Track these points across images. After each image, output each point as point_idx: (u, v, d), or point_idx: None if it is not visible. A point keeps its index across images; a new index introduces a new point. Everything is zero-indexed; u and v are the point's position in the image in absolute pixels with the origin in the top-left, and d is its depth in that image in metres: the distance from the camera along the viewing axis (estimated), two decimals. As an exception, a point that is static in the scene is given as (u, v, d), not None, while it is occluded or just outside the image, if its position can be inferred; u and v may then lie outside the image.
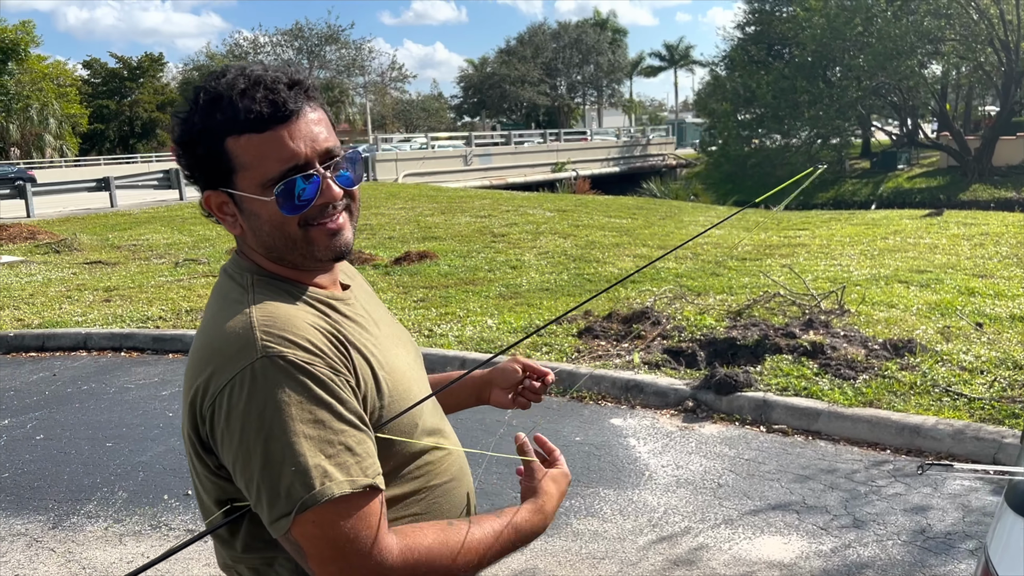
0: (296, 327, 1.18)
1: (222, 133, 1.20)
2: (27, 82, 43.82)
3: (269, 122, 1.19)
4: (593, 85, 70.65)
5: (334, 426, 1.14)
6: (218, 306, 1.27)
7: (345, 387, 1.18)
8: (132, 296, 9.37)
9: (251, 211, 1.24)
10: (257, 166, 1.20)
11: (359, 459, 1.14)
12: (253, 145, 1.20)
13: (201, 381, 1.17)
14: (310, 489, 1.09)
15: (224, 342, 1.18)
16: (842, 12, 32.53)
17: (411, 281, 9.50)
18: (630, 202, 20.70)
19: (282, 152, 1.20)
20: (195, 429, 1.19)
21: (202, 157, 1.23)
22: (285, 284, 1.28)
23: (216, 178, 1.24)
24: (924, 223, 12.96)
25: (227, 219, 1.28)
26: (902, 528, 3.63)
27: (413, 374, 1.39)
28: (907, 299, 7.22)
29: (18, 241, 14.60)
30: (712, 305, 7.32)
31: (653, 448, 4.71)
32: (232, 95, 1.20)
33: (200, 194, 1.29)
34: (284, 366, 1.13)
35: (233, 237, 1.34)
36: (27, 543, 3.92)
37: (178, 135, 1.24)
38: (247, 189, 1.22)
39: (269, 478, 1.11)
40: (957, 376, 5.17)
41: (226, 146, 1.20)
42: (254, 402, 1.12)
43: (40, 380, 6.67)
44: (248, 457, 1.12)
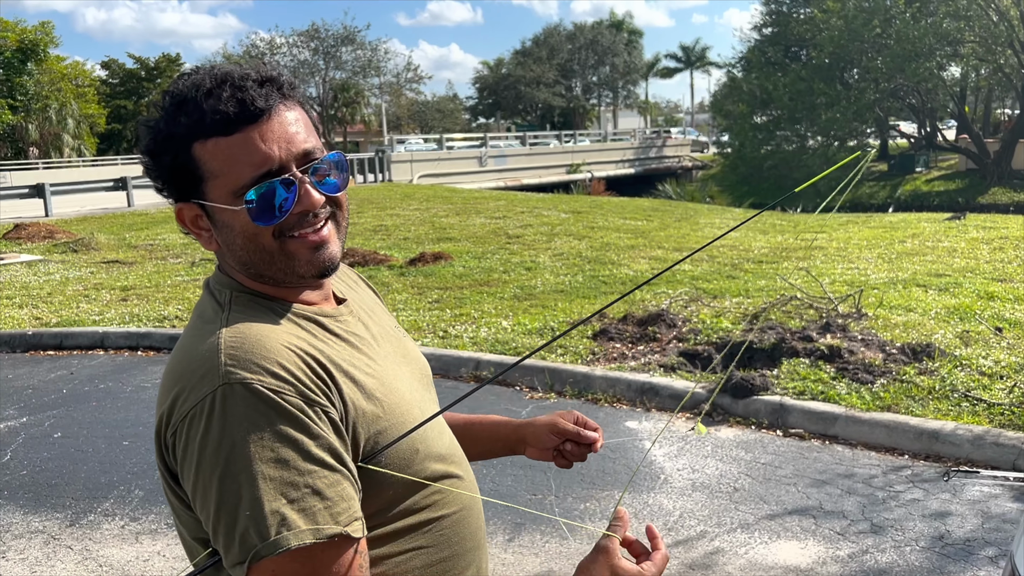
0: (267, 349, 1.05)
1: (188, 138, 1.09)
2: (46, 82, 44.21)
3: (237, 123, 1.08)
4: (608, 86, 70.56)
5: (300, 466, 1.00)
6: (193, 324, 1.17)
7: (320, 419, 1.04)
8: (149, 295, 9.43)
9: (223, 222, 1.13)
10: (227, 173, 1.09)
11: (329, 504, 1.00)
12: (221, 150, 1.08)
13: (166, 408, 1.07)
14: (264, 538, 0.97)
15: (188, 366, 1.07)
16: (860, 14, 32.34)
17: (426, 282, 9.51)
18: (645, 204, 20.65)
19: (253, 156, 1.08)
20: (163, 459, 1.09)
21: (169, 166, 1.12)
22: (267, 301, 1.16)
23: (186, 189, 1.12)
24: (943, 226, 12.86)
25: (202, 234, 1.16)
26: (920, 534, 3.59)
27: (415, 396, 1.25)
28: (925, 303, 7.16)
29: (36, 240, 14.73)
30: (728, 308, 7.28)
31: (668, 451, 4.69)
32: (197, 96, 1.08)
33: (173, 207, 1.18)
34: (247, 395, 1.01)
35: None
36: (45, 540, 3.95)
37: (143, 145, 1.13)
38: (218, 199, 1.11)
39: (224, 520, 0.99)
40: (976, 381, 5.12)
41: (193, 152, 1.09)
42: (211, 435, 1.00)
43: (58, 378, 6.72)
44: (205, 494, 1.01)
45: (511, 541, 3.71)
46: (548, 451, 1.50)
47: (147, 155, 1.14)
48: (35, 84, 42.84)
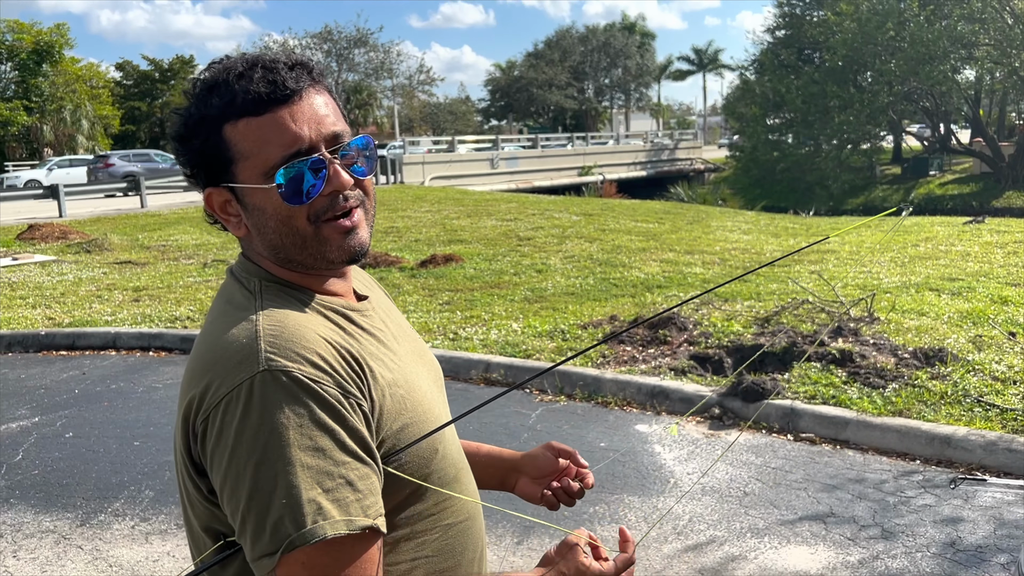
0: (306, 339, 1.05)
1: (219, 120, 1.09)
2: (61, 84, 44.56)
3: (268, 103, 1.08)
4: (621, 89, 70.53)
5: (336, 456, 1.00)
6: (221, 311, 1.15)
7: (354, 412, 1.04)
8: (161, 296, 9.48)
9: (255, 205, 1.12)
10: (257, 153, 1.09)
11: (360, 496, 1.01)
12: (252, 130, 1.08)
13: (196, 393, 1.04)
14: (300, 527, 0.96)
15: (224, 352, 1.05)
16: (874, 16, 32.17)
17: (436, 284, 9.52)
18: (657, 206, 20.60)
19: (283, 136, 1.08)
20: (187, 448, 1.07)
21: (200, 150, 1.12)
22: (296, 291, 1.15)
23: (216, 173, 1.12)
24: (956, 230, 12.77)
25: (231, 220, 1.16)
26: (932, 540, 3.57)
27: (433, 396, 1.25)
28: (938, 307, 7.11)
29: (50, 241, 14.82)
30: (740, 312, 7.26)
31: (679, 455, 4.67)
32: (229, 78, 1.09)
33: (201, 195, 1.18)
34: (287, 383, 1.00)
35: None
36: (55, 540, 3.96)
37: (174, 130, 1.14)
38: (248, 180, 1.10)
39: (256, 509, 0.98)
40: (989, 386, 5.08)
41: (224, 134, 1.09)
42: (249, 420, 0.99)
43: (70, 378, 6.76)
44: (236, 482, 0.99)
45: (520, 544, 3.71)
46: (542, 482, 1.48)
47: (177, 140, 1.14)
48: (50, 85, 43.18)
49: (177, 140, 1.14)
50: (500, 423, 5.23)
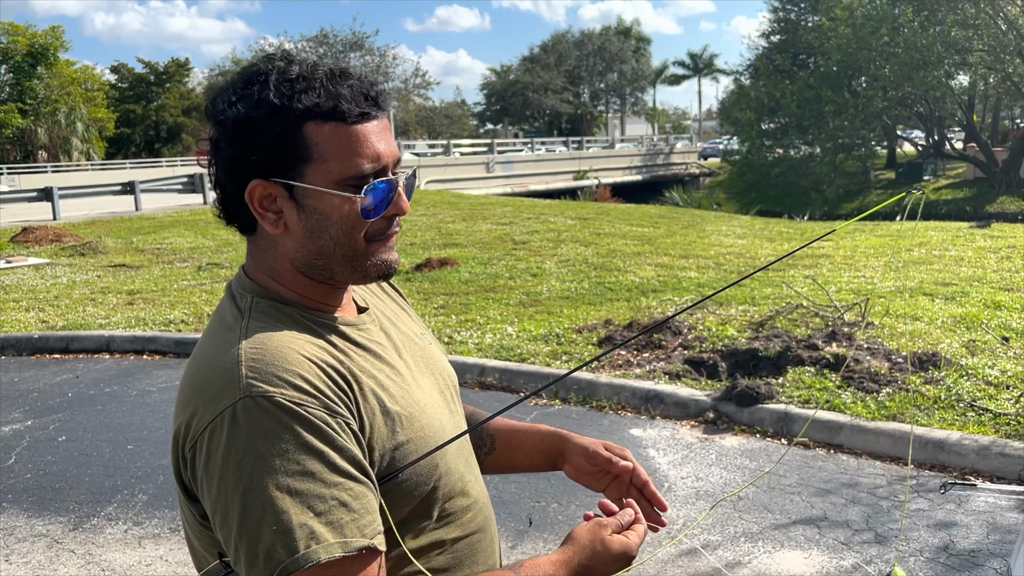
0: (287, 361, 1.03)
1: (303, 115, 1.05)
2: (55, 86, 44.47)
3: (360, 116, 1.07)
4: (616, 93, 70.68)
5: (326, 478, 0.98)
6: (211, 331, 1.14)
7: (343, 431, 1.02)
8: (155, 299, 9.46)
9: (317, 209, 1.08)
10: (339, 160, 1.06)
11: (356, 516, 0.99)
12: (338, 136, 1.06)
13: (183, 420, 1.04)
14: (293, 552, 0.95)
15: (207, 378, 1.04)
16: (868, 22, 32.32)
17: (432, 288, 9.52)
18: (652, 211, 20.63)
19: (368, 150, 1.07)
20: (179, 473, 1.06)
21: (269, 139, 1.06)
22: (290, 308, 1.13)
23: (276, 166, 1.07)
24: (950, 235, 12.81)
25: (268, 215, 1.10)
26: (925, 544, 3.57)
27: (438, 409, 1.21)
28: (932, 312, 7.13)
29: (44, 243, 14.78)
30: (734, 316, 7.27)
31: (673, 459, 4.67)
32: (319, 76, 1.06)
33: (230, 187, 1.12)
34: (269, 407, 0.99)
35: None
36: (48, 544, 3.95)
37: (239, 112, 1.06)
38: (318, 183, 1.07)
39: (247, 537, 0.97)
40: (982, 391, 5.10)
41: (304, 131, 1.05)
42: (233, 448, 0.98)
43: (63, 382, 6.74)
44: (226, 511, 0.98)
45: (514, 548, 3.70)
46: (584, 476, 1.41)
47: (239, 124, 1.07)
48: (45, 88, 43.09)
49: (239, 123, 1.07)
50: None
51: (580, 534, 1.19)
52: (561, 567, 1.15)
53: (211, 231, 16.08)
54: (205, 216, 18.87)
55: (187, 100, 62.28)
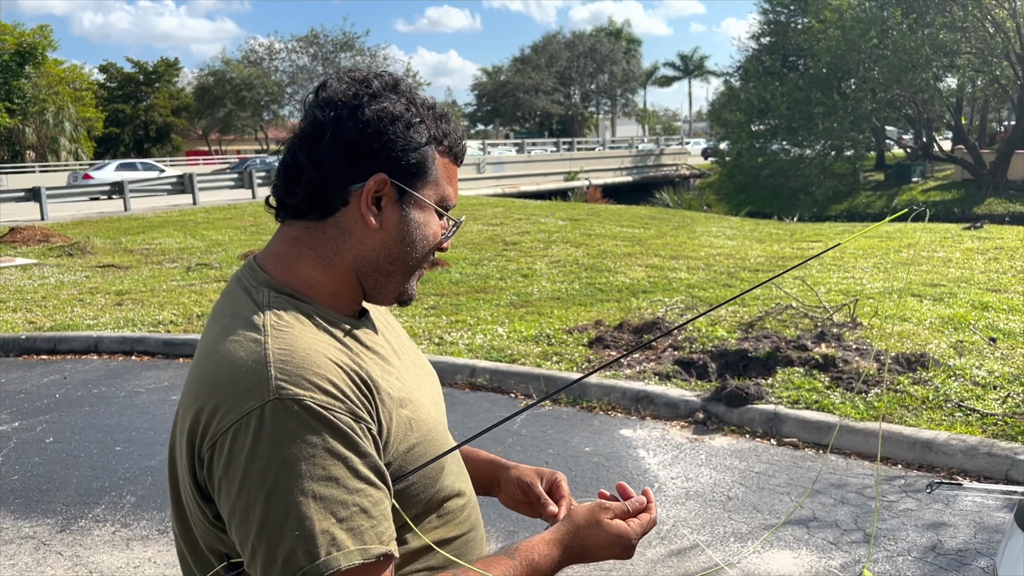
0: (317, 364, 1.03)
1: (435, 140, 1.17)
2: (43, 86, 44.19)
3: (459, 160, 1.22)
4: (607, 94, 70.73)
5: (350, 484, 0.99)
6: (227, 325, 1.11)
7: (366, 436, 1.03)
8: (144, 300, 9.42)
9: (419, 220, 1.16)
10: (441, 187, 1.18)
11: (375, 523, 1.00)
12: (446, 168, 1.19)
13: (204, 417, 1.02)
14: (313, 559, 0.96)
15: (232, 374, 1.02)
16: (857, 24, 32.44)
17: (422, 288, 9.50)
18: (643, 212, 20.67)
19: (454, 188, 1.21)
20: (192, 472, 1.05)
21: (410, 144, 1.14)
22: (307, 306, 1.13)
23: (400, 171, 1.13)
24: (938, 236, 12.88)
25: (372, 208, 1.13)
26: (913, 544, 3.59)
27: (436, 409, 1.25)
28: (920, 313, 7.17)
29: (32, 244, 14.70)
30: (724, 316, 7.28)
31: (663, 460, 4.68)
32: (444, 113, 1.20)
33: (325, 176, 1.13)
34: (299, 412, 0.99)
35: (239, 243, 1.21)
36: (35, 546, 3.93)
37: (388, 115, 1.12)
38: (428, 198, 1.17)
39: (267, 540, 0.97)
40: (970, 391, 5.13)
41: (430, 151, 1.16)
42: (260, 451, 0.97)
43: (51, 383, 6.70)
44: (246, 513, 0.98)
45: (502, 551, 3.70)
46: (517, 504, 1.45)
47: (391, 120, 1.12)
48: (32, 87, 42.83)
49: (388, 120, 1.12)
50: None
51: (578, 513, 1.21)
52: (555, 545, 1.17)
53: (200, 231, 16.02)
54: (194, 217, 18.80)
55: (176, 100, 62.04)
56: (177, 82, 63.86)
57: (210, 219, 18.20)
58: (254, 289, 1.14)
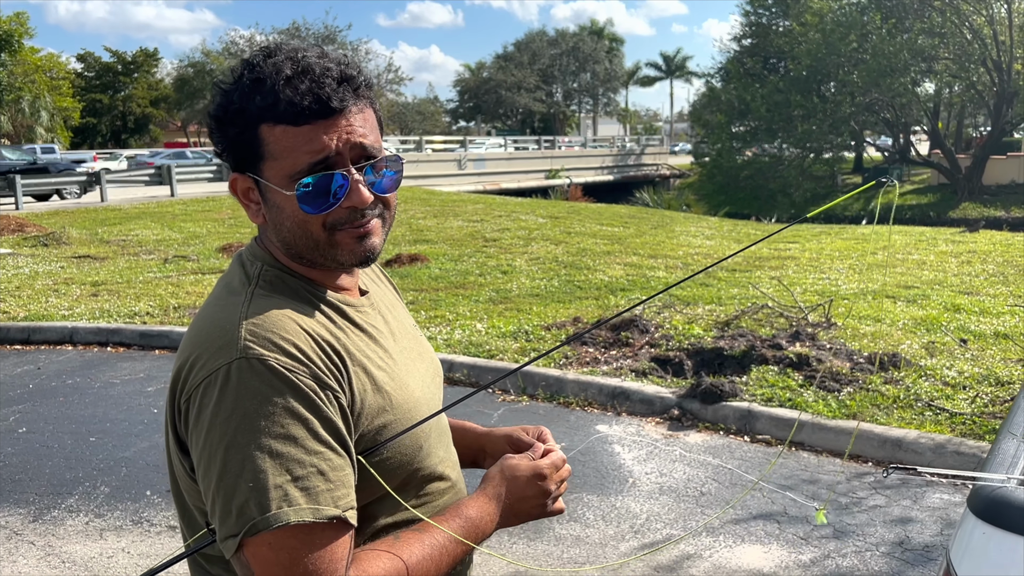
0: (285, 329, 1.08)
1: (257, 119, 1.11)
2: (19, 74, 43.61)
3: (308, 116, 1.10)
4: (589, 93, 70.91)
5: (308, 445, 1.02)
6: (217, 294, 1.19)
7: (330, 403, 1.06)
8: (120, 291, 9.34)
9: (275, 203, 1.15)
10: (286, 158, 1.11)
11: (331, 487, 1.03)
12: (287, 137, 1.11)
13: (183, 372, 1.08)
14: (264, 511, 0.98)
15: (209, 334, 1.09)
16: (837, 28, 32.75)
17: (401, 283, 9.50)
18: (623, 211, 20.76)
19: (313, 145, 1.10)
20: (174, 425, 1.11)
21: (233, 138, 1.14)
22: (297, 280, 1.18)
23: (245, 162, 1.15)
24: (912, 239, 13.05)
25: (251, 206, 1.18)
26: (882, 539, 3.65)
27: (426, 393, 1.26)
28: (893, 314, 7.27)
29: (6, 233, 14.53)
30: (701, 315, 7.35)
31: (638, 455, 4.72)
32: (276, 81, 1.10)
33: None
34: (262, 371, 1.03)
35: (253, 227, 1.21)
36: (7, 536, 3.90)
37: (214, 109, 1.15)
38: (272, 180, 1.13)
39: (224, 491, 1.01)
40: (940, 391, 5.21)
41: (259, 132, 1.11)
42: (223, 405, 1.02)
43: (24, 373, 6.64)
44: (208, 463, 1.03)
45: (490, 546, 3.72)
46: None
47: (215, 121, 1.15)
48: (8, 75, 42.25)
49: (214, 120, 1.15)
50: (465, 415, 5.24)
51: (490, 469, 1.27)
52: (480, 497, 1.22)
53: (178, 224, 15.90)
54: (172, 209, 18.65)
55: (155, 91, 61.46)
56: (156, 73, 63.25)
57: (188, 211, 18.06)
58: (249, 262, 1.20)
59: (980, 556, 1.07)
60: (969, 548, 1.08)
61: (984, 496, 1.14)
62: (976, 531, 1.10)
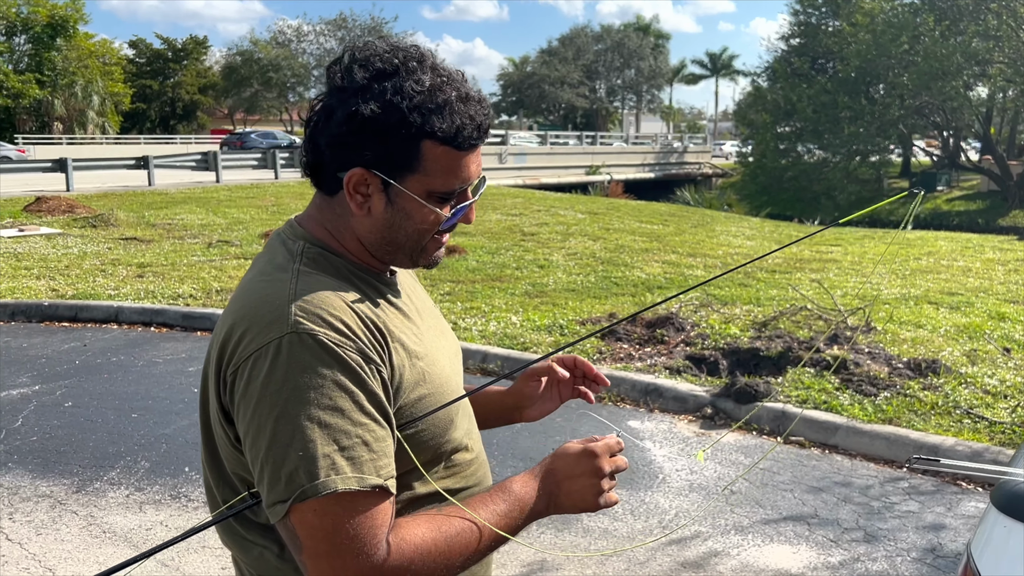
0: (333, 306, 1.12)
1: (424, 134, 1.13)
2: (73, 59, 44.58)
3: (471, 146, 1.17)
4: (633, 90, 70.49)
5: (354, 417, 1.07)
6: (262, 269, 1.22)
7: (374, 377, 1.11)
8: (164, 273, 9.54)
9: (404, 209, 1.18)
10: (437, 177, 1.16)
11: (375, 457, 1.08)
12: (446, 159, 1.16)
13: (231, 344, 1.12)
14: (313, 479, 1.03)
15: (258, 308, 1.12)
16: (889, 29, 32.15)
17: (439, 275, 9.57)
18: (663, 208, 20.64)
19: (462, 174, 1.18)
20: (219, 395, 1.14)
21: (389, 143, 1.14)
22: (338, 259, 1.22)
23: (383, 164, 1.15)
24: (959, 245, 12.80)
25: (356, 197, 1.18)
26: (913, 545, 3.62)
27: (453, 369, 1.33)
28: (935, 320, 7.16)
29: (57, 214, 14.89)
30: (738, 315, 7.30)
31: (668, 452, 4.73)
32: (451, 100, 1.14)
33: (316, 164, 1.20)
34: (312, 345, 1.07)
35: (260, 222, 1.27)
36: (51, 504, 4.03)
37: (372, 111, 1.12)
38: (413, 191, 1.16)
39: (273, 459, 1.05)
40: (980, 399, 5.13)
41: (421, 146, 1.14)
42: (274, 377, 1.06)
43: (71, 350, 6.82)
44: (258, 433, 1.07)
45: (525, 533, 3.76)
46: (544, 403, 1.55)
47: (364, 121, 1.13)
48: (63, 60, 43.22)
49: (364, 121, 1.13)
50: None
51: (546, 457, 1.29)
52: (528, 475, 1.24)
53: (223, 209, 16.17)
54: (217, 194, 18.96)
55: (204, 78, 62.39)
56: (205, 60, 64.20)
57: (232, 197, 18.35)
58: (291, 241, 1.24)
59: (1001, 549, 1.07)
60: (990, 542, 1.08)
61: (1007, 491, 1.14)
62: (998, 525, 1.10)
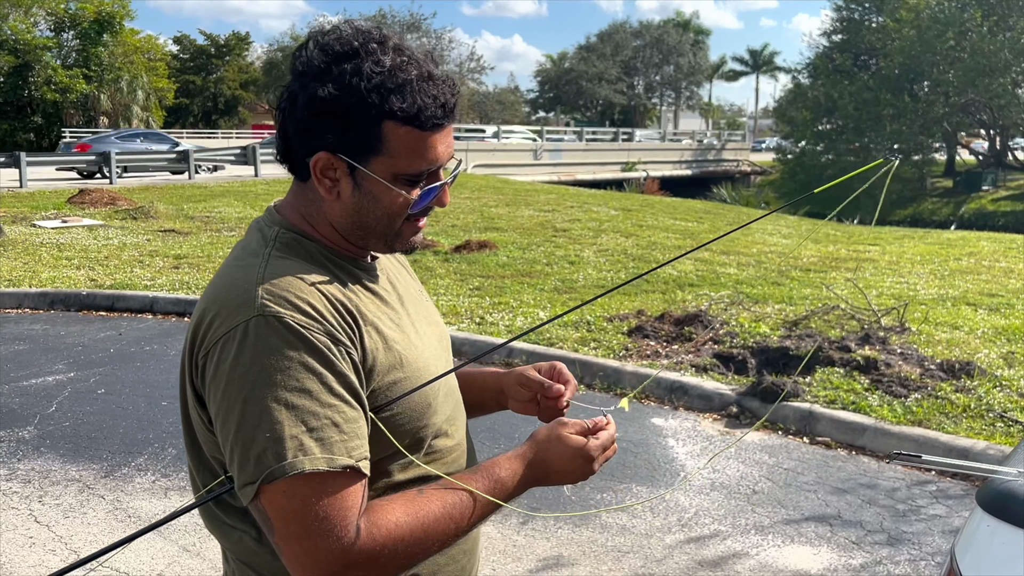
0: (300, 289, 1.12)
1: (384, 114, 1.12)
2: (119, 54, 45.38)
3: (435, 125, 1.16)
4: (671, 86, 69.92)
5: (322, 398, 1.07)
6: (236, 254, 1.24)
7: (343, 359, 1.11)
8: (200, 265, 9.69)
9: (371, 192, 1.18)
10: (402, 158, 1.15)
11: (345, 438, 1.07)
12: (411, 139, 1.15)
13: (202, 329, 1.13)
14: (280, 459, 1.03)
15: (227, 293, 1.14)
16: (934, 24, 31.52)
17: (469, 269, 9.59)
18: (698, 206, 20.46)
19: (429, 154, 1.17)
20: (192, 379, 1.15)
21: (349, 125, 1.14)
22: (312, 244, 1.22)
23: (346, 147, 1.15)
24: (1002, 246, 12.51)
25: (324, 182, 1.18)
26: (938, 549, 3.55)
27: (434, 355, 1.30)
28: (973, 322, 7.01)
29: (99, 206, 15.19)
30: (769, 314, 7.22)
31: (691, 450, 4.69)
32: (411, 80, 1.13)
33: (295, 149, 1.19)
34: (278, 327, 1.08)
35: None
36: (79, 488, 4.12)
37: (330, 94, 1.12)
38: (379, 173, 1.16)
39: (242, 441, 1.06)
40: (1015, 403, 5.01)
41: (383, 128, 1.13)
42: (241, 360, 1.07)
43: (107, 338, 6.96)
44: (227, 415, 1.08)
45: (524, 524, 3.76)
46: (526, 404, 1.48)
47: (322, 102, 1.13)
48: (109, 55, 44.00)
49: (323, 102, 1.13)
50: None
51: (539, 431, 1.26)
52: (517, 460, 1.22)
53: (260, 202, 16.36)
54: (255, 188, 19.20)
55: (245, 74, 63.14)
56: (247, 56, 64.99)
57: (270, 191, 18.56)
58: (267, 227, 1.25)
59: (984, 550, 1.04)
60: (974, 542, 1.05)
61: (991, 490, 1.11)
62: (982, 525, 1.07)
